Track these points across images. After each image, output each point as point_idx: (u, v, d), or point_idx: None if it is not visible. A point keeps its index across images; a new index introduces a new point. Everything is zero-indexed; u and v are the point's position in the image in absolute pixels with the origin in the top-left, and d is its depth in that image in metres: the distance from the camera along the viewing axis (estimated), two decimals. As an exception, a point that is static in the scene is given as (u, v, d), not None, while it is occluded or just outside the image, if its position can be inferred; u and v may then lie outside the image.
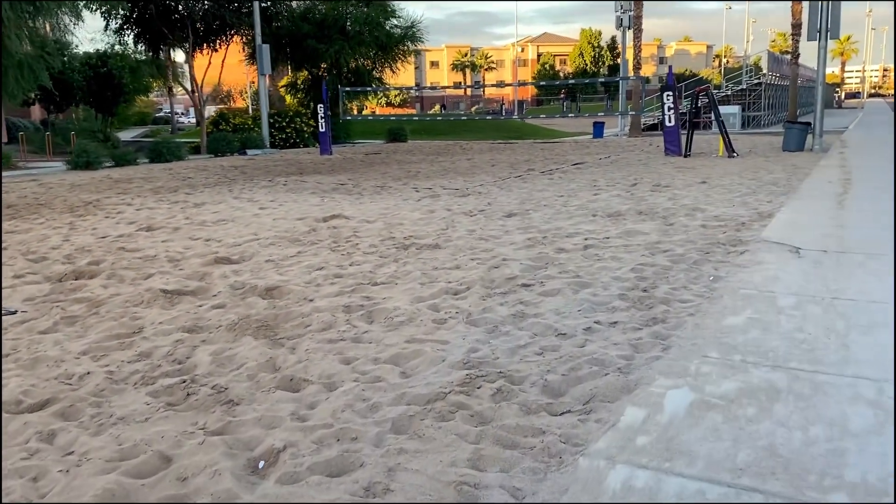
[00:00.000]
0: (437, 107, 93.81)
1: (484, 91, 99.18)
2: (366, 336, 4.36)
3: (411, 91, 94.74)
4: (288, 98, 35.14)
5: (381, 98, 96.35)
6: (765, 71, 38.16)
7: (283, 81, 36.39)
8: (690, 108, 17.83)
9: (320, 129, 22.50)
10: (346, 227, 8.53)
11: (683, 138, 17.77)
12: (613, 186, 11.85)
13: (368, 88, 24.44)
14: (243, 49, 28.82)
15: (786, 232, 7.15)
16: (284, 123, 29.68)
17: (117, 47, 30.21)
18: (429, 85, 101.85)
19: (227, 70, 29.34)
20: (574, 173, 14.61)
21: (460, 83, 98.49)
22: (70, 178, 16.89)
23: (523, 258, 6.36)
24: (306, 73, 32.68)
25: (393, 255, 6.78)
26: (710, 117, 19.03)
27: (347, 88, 24.49)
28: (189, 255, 7.05)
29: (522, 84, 77.71)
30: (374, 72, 33.53)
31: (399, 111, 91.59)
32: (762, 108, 37.63)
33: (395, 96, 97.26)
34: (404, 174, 15.91)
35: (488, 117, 52.17)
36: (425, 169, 17.08)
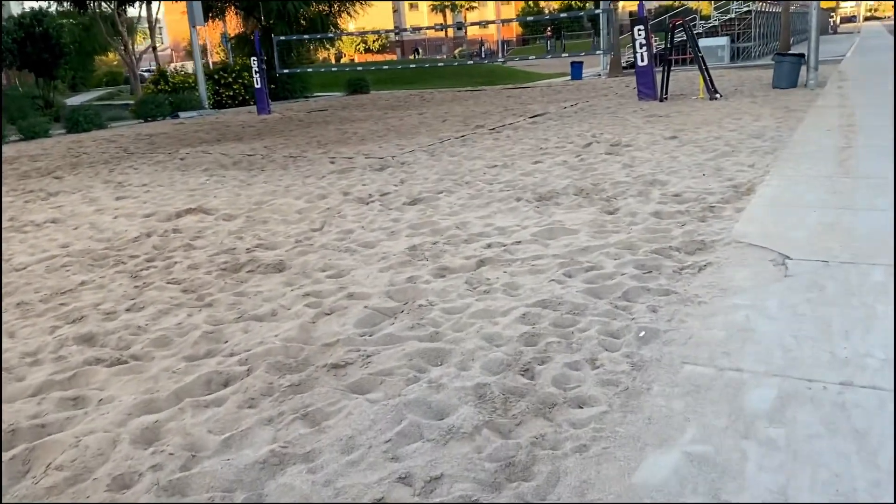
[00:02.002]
0: (420, 53, 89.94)
1: (466, 32, 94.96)
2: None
3: (389, 35, 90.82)
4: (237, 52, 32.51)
5: (357, 44, 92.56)
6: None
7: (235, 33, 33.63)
8: (665, 44, 15.43)
9: (256, 86, 20.07)
10: (191, 230, 6.44)
11: (660, 77, 15.46)
12: (563, 148, 9.69)
13: (315, 36, 21.77)
14: (176, -1, 26.13)
15: (769, 222, 5.06)
16: (231, 80, 27.13)
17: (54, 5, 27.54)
18: (408, 28, 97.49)
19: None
20: (526, 130, 12.40)
21: (442, 24, 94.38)
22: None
23: (380, 291, 4.29)
24: (256, 23, 30.02)
25: (201, 288, 4.71)
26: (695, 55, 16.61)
27: (282, 37, 21.87)
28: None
29: (490, 22, 74.53)
30: (330, 17, 30.88)
31: (378, 58, 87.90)
32: (753, 38, 34.95)
33: (374, 42, 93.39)
34: (335, 138, 13.70)
35: (469, 62, 49.25)
36: (365, 129, 14.85)
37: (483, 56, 60.39)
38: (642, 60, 15.18)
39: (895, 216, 4.94)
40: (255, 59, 19.70)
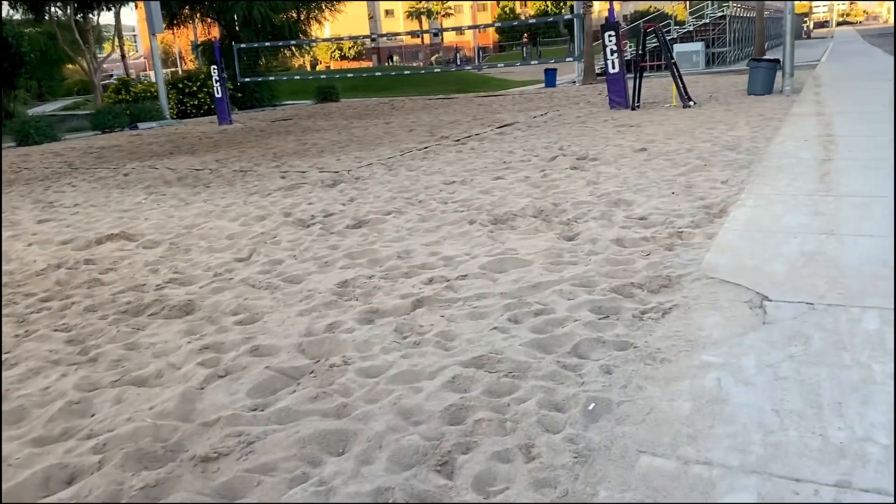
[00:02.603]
0: (395, 60, 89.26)
1: (442, 39, 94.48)
2: None
3: (364, 42, 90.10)
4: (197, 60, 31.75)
5: (333, 52, 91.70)
6: (729, 2, 35.16)
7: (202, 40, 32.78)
8: (637, 49, 14.93)
9: (216, 95, 19.32)
10: (105, 261, 5.74)
11: (631, 84, 14.95)
12: (528, 162, 9.10)
13: (277, 44, 21.03)
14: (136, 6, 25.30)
15: (743, 251, 4.47)
16: (195, 88, 26.34)
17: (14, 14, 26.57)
18: (384, 34, 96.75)
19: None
20: (492, 141, 11.81)
21: (418, 31, 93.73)
22: None
23: (291, 344, 3.64)
24: (223, 30, 29.28)
25: (90, 338, 4.02)
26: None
27: (243, 45, 21.14)
28: None
29: (459, 28, 74.27)
30: (298, 24, 30.22)
31: (354, 65, 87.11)
32: (727, 43, 34.77)
33: (349, 49, 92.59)
34: (293, 149, 13.02)
35: (436, 69, 48.60)
36: (325, 140, 14.18)
37: (458, 63, 59.86)
38: (613, 67, 14.68)
39: (895, 236, 4.38)
40: (215, 67, 18.95)
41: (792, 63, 15.25)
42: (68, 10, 22.13)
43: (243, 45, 20.92)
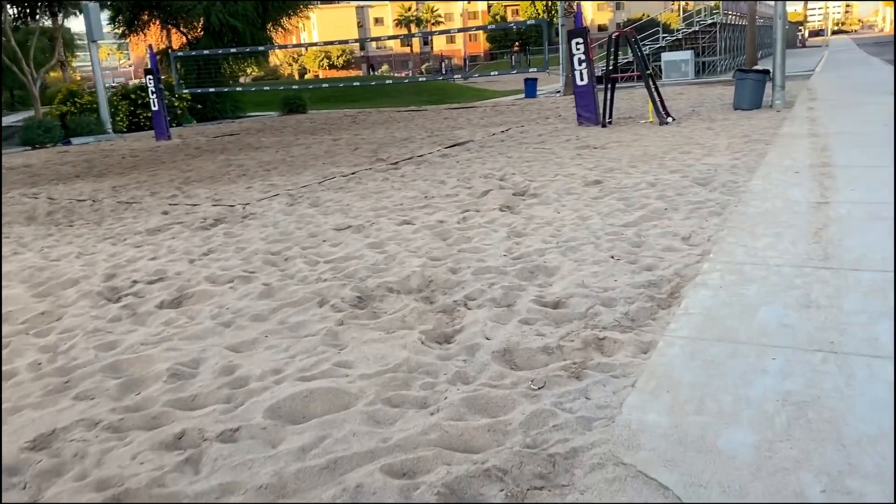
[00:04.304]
0: (386, 68, 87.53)
1: (432, 47, 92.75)
2: None
3: (353, 49, 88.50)
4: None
5: (321, 60, 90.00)
6: (719, 9, 33.57)
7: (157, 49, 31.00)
8: (608, 59, 13.20)
9: (153, 108, 17.57)
10: None
11: (603, 98, 13.25)
12: (454, 197, 7.37)
13: (215, 52, 19.20)
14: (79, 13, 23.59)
15: (689, 393, 2.71)
16: (150, 99, 24.59)
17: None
18: (374, 42, 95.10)
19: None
20: (431, 165, 10.08)
21: (406, 34, 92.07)
22: None
23: None
24: (182, 37, 27.59)
25: None
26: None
27: (180, 53, 19.38)
28: None
29: (448, 33, 73.24)
30: (265, 31, 28.54)
31: (343, 73, 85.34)
32: (718, 51, 33.16)
33: (338, 57, 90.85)
34: (211, 173, 11.30)
35: (420, 79, 46.89)
36: (253, 161, 12.45)
37: (444, 72, 58.31)
38: (582, 79, 12.97)
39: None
40: (150, 77, 17.20)
41: (783, 74, 13.56)
42: (1, 17, 20.31)
43: (181, 53, 19.14)
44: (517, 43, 75.68)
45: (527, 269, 4.56)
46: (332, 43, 32.03)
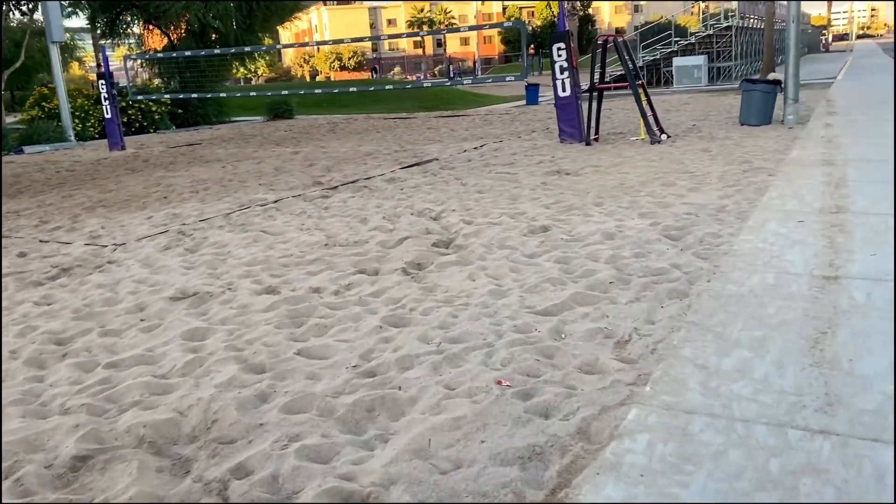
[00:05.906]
0: (398, 71, 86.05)
1: (445, 49, 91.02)
2: None
3: (364, 51, 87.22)
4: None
5: (332, 62, 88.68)
6: (735, 12, 31.69)
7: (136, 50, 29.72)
8: (592, 67, 11.54)
9: (106, 116, 16.16)
10: None
11: (589, 110, 11.60)
12: (360, 246, 5.78)
13: (169, 55, 17.75)
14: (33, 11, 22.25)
15: None
16: (125, 104, 23.26)
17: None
18: (387, 44, 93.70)
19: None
20: (370, 192, 8.51)
21: (418, 39, 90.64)
22: None
23: None
24: (164, 38, 26.28)
25: None
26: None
27: (135, 54, 17.97)
28: None
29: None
30: (253, 33, 27.18)
31: (354, 76, 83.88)
32: (733, 56, 31.27)
33: (349, 59, 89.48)
34: (133, 193, 9.84)
35: (426, 84, 45.31)
36: (188, 180, 10.96)
37: (451, 76, 56.69)
38: (564, 90, 11.32)
39: None
40: (102, 82, 15.78)
41: (797, 85, 11.81)
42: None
43: (134, 56, 17.73)
44: (532, 46, 73.79)
45: (365, 403, 2.97)
46: (325, 43, 30.55)
